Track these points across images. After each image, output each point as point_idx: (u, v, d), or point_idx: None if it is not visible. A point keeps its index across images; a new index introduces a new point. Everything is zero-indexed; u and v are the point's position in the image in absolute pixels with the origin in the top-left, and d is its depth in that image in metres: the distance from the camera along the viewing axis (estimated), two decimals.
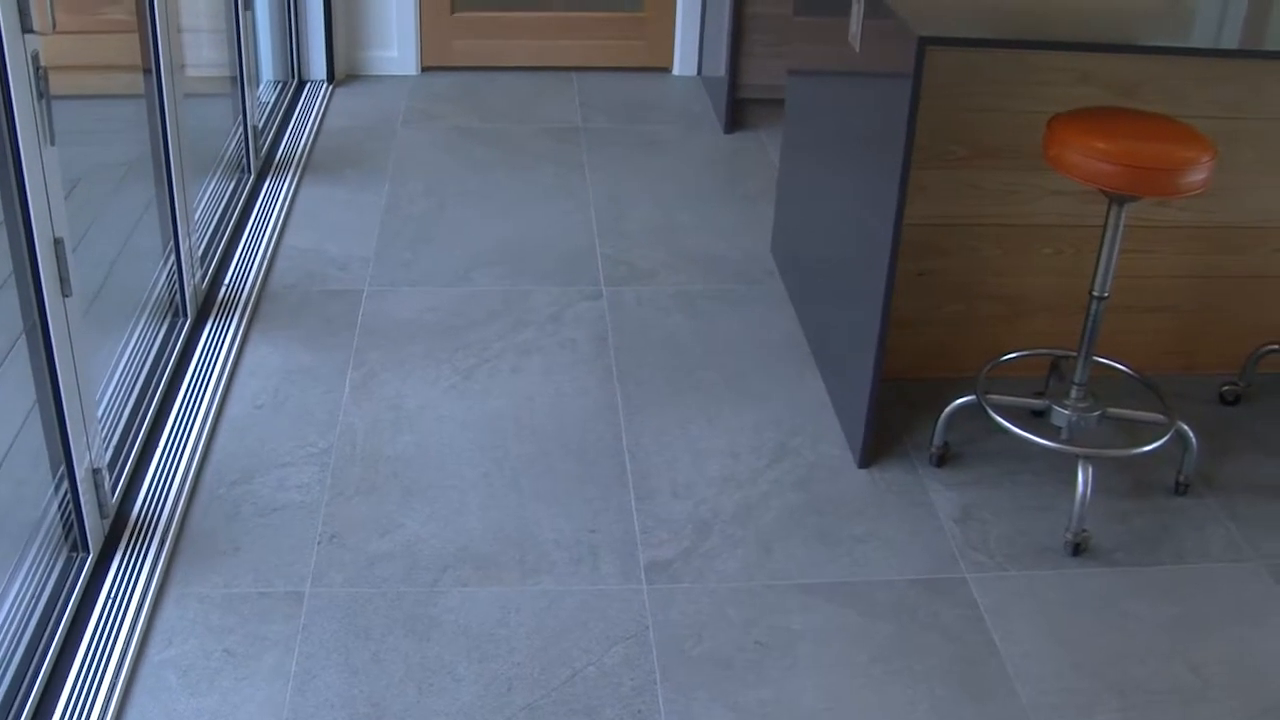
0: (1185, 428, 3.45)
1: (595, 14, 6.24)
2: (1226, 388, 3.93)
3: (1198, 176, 3.03)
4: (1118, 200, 3.16)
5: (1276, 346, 3.88)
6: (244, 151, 4.85)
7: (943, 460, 3.52)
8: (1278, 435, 3.77)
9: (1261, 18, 3.69)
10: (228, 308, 4.00)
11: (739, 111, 5.67)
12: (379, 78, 5.98)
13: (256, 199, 4.71)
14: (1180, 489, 3.48)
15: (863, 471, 3.46)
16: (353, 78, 5.96)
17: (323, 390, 3.65)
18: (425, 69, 6.09)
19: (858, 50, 3.49)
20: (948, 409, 3.48)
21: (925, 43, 3.01)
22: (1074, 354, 3.45)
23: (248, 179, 4.81)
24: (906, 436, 3.61)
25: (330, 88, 5.81)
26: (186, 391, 3.58)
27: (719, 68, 5.66)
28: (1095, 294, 3.30)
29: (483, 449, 3.44)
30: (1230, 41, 3.41)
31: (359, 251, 4.41)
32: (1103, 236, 3.24)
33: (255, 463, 3.33)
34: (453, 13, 6.03)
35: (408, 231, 4.55)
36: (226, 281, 4.15)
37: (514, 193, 4.90)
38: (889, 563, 3.13)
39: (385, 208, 4.72)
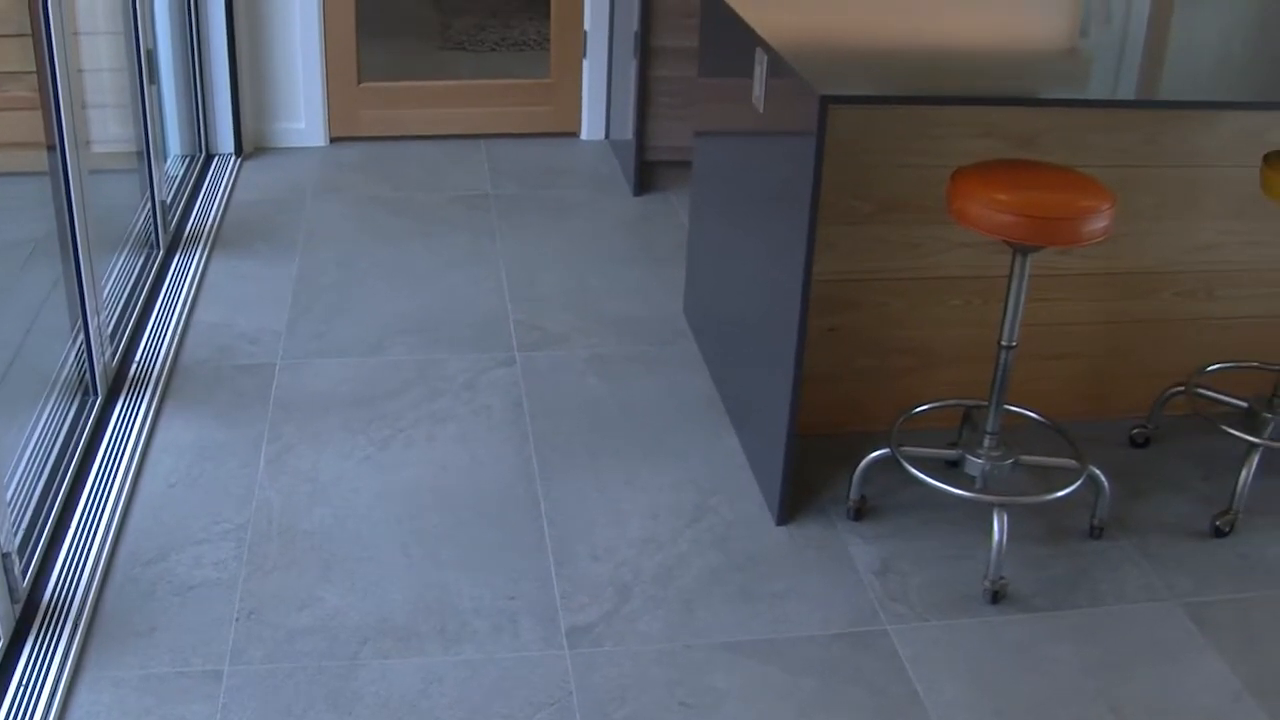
0: (1097, 472, 3.49)
1: (502, 81, 6.27)
2: (1136, 430, 3.98)
3: (1098, 224, 3.08)
4: (1021, 250, 3.21)
5: (1183, 388, 3.94)
6: (152, 227, 4.82)
7: (860, 513, 3.54)
8: (1187, 475, 3.83)
9: (1156, 68, 3.77)
10: (139, 385, 3.97)
11: (647, 174, 5.70)
12: (287, 150, 5.97)
13: (166, 274, 4.68)
14: (1095, 532, 3.52)
15: (781, 528, 3.47)
16: (261, 150, 5.94)
17: (237, 465, 3.62)
18: (334, 140, 6.08)
19: (761, 110, 3.53)
20: (863, 463, 3.51)
21: (827, 101, 3.05)
22: (985, 403, 3.49)
23: (157, 254, 4.78)
24: (823, 491, 3.63)
25: (238, 161, 5.79)
26: (98, 471, 3.54)
27: (626, 131, 5.70)
28: (1003, 343, 3.34)
29: (400, 519, 3.42)
30: (1127, 92, 3.48)
31: (271, 324, 4.38)
32: (1008, 286, 3.28)
33: (170, 541, 3.30)
34: (359, 83, 6.03)
35: (320, 303, 4.54)
36: (137, 358, 4.11)
37: (425, 261, 4.89)
38: (810, 618, 3.14)
39: (297, 280, 4.70)
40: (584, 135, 6.28)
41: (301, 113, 5.98)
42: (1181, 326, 4.04)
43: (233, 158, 5.82)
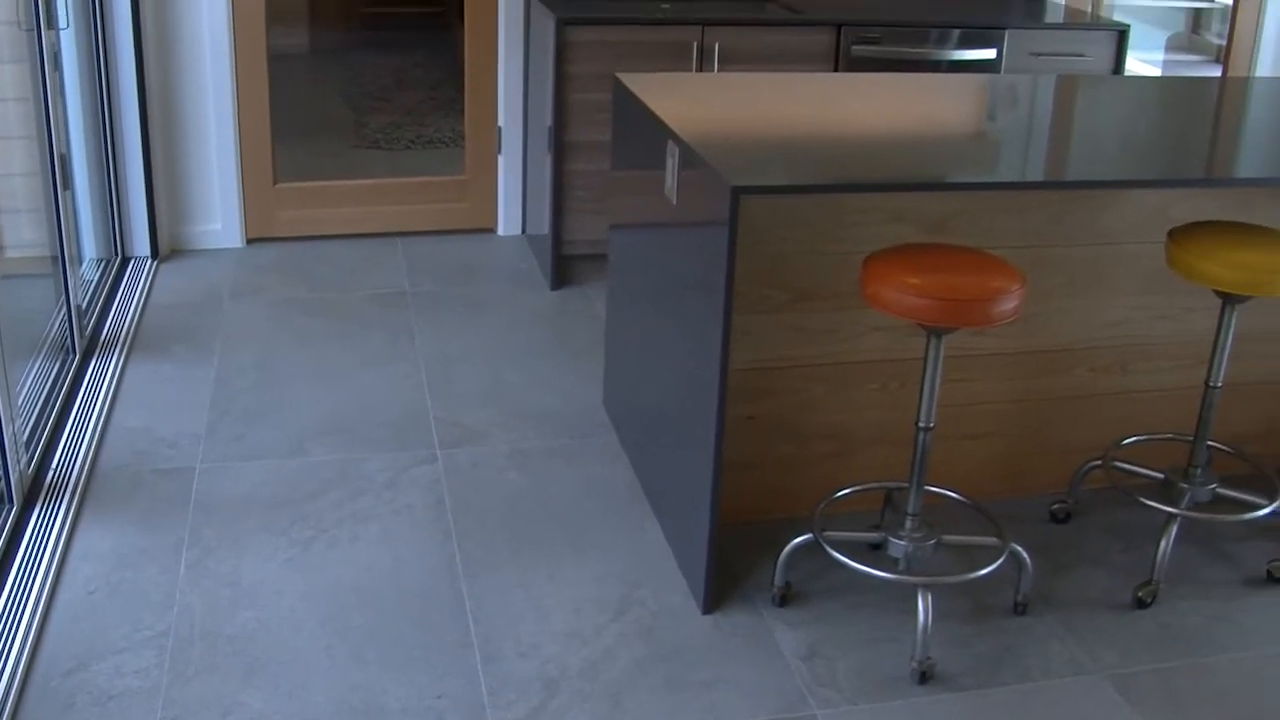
0: (1019, 549, 3.52)
1: (417, 179, 6.29)
2: (1056, 506, 4.03)
3: (1009, 305, 3.13)
4: (935, 333, 3.25)
5: (1100, 462, 3.98)
6: (68, 331, 4.78)
7: (785, 600, 3.54)
8: (1108, 548, 3.87)
9: (1062, 149, 3.84)
10: (56, 491, 3.92)
11: (564, 268, 5.73)
12: (204, 251, 5.95)
13: (83, 379, 4.64)
14: (1019, 609, 3.55)
15: (707, 617, 3.46)
16: (177, 253, 5.92)
17: (158, 571, 3.57)
18: (250, 241, 6.07)
19: (674, 202, 3.56)
20: (786, 549, 3.52)
21: (739, 192, 3.08)
22: (906, 485, 3.51)
23: (73, 359, 4.74)
24: (748, 578, 3.64)
25: (154, 264, 5.77)
26: (15, 580, 3.48)
27: (542, 226, 5.73)
28: (921, 425, 3.37)
29: (324, 620, 3.39)
30: (1035, 174, 3.55)
31: (190, 428, 4.35)
32: (924, 369, 3.32)
33: (90, 650, 3.25)
34: (275, 184, 6.04)
35: (239, 406, 4.51)
36: (54, 465, 4.06)
37: (344, 361, 4.88)
38: (739, 706, 3.13)
39: (215, 382, 4.67)
40: (500, 231, 6.31)
41: (218, 214, 5.97)
42: (1096, 402, 4.10)
43: (149, 260, 5.79)
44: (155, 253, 5.82)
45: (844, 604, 3.54)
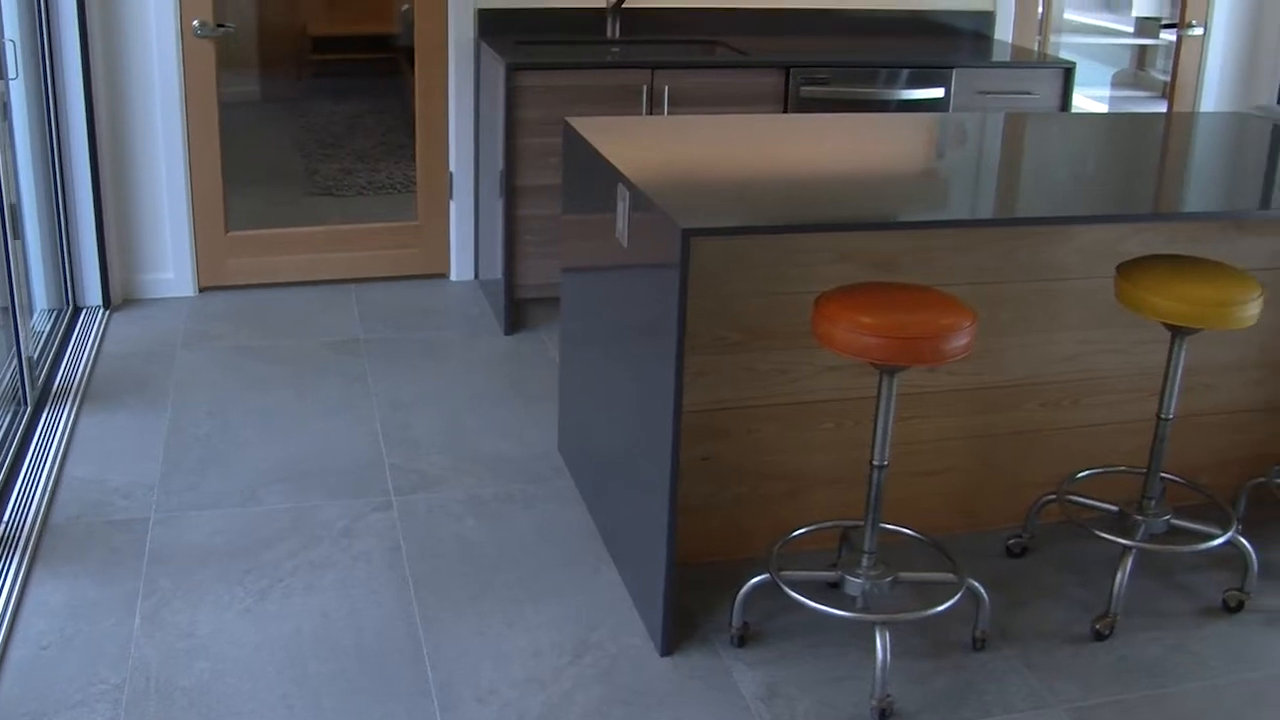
0: (975, 584, 3.53)
1: (370, 225, 6.29)
2: (1012, 541, 4.04)
3: (960, 342, 3.15)
4: (887, 371, 3.27)
5: (1055, 496, 4.00)
6: (19, 383, 4.75)
7: (743, 640, 3.54)
8: (1065, 582, 3.88)
9: (1012, 186, 3.87)
10: (8, 545, 3.89)
11: (518, 312, 5.73)
12: (156, 300, 5.92)
13: (35, 430, 4.60)
14: (977, 644, 3.55)
15: (665, 659, 3.46)
16: (130, 302, 5.89)
17: (112, 624, 3.54)
18: (203, 289, 6.05)
19: (626, 245, 3.57)
20: (743, 589, 3.52)
21: (689, 234, 3.09)
22: (861, 523, 3.52)
23: (24, 411, 4.71)
24: (706, 620, 3.63)
25: (107, 313, 5.74)
26: None
27: (495, 271, 5.73)
28: (875, 463, 3.38)
29: (281, 670, 3.37)
30: (985, 211, 3.57)
31: (143, 478, 4.32)
32: (877, 407, 3.33)
33: (44, 706, 3.21)
34: (227, 232, 6.02)
35: (193, 455, 4.49)
36: (6, 517, 4.03)
37: (299, 408, 4.87)
38: None
39: (169, 432, 4.65)
40: (453, 276, 6.31)
41: (170, 263, 5.95)
42: (1050, 436, 4.12)
43: (101, 310, 5.77)
44: (107, 302, 5.80)
45: (802, 643, 3.54)
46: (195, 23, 5.68)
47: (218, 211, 5.98)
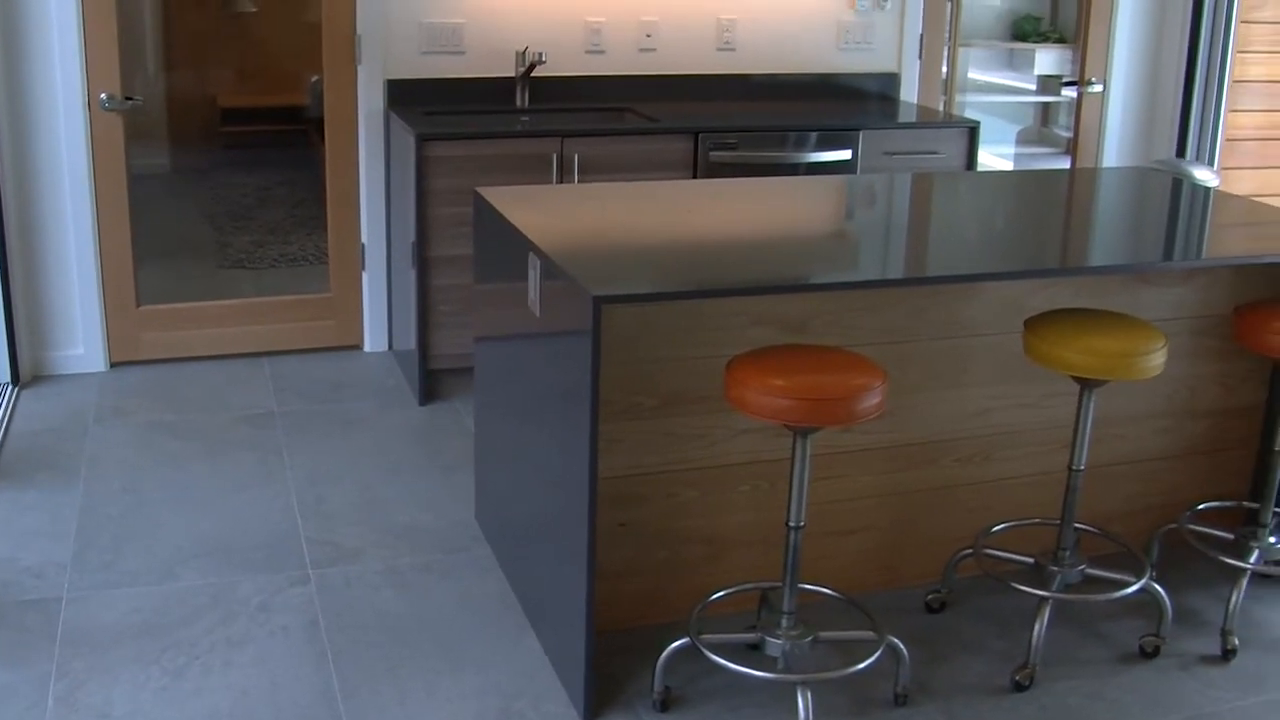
0: (895, 641, 3.56)
1: (282, 298, 6.26)
2: (931, 596, 4.07)
3: (871, 402, 3.18)
4: (801, 432, 3.29)
5: (971, 550, 4.04)
6: None
7: (666, 705, 3.53)
8: (984, 635, 3.92)
9: (919, 246, 3.92)
10: None
11: (432, 382, 5.72)
12: (66, 376, 5.86)
13: None
14: (899, 700, 3.57)
15: None
16: (39, 378, 5.83)
17: (24, 707, 3.48)
18: (114, 365, 6.00)
19: (538, 314, 3.58)
20: (664, 653, 3.52)
21: (600, 301, 3.11)
22: (780, 584, 3.53)
23: None
24: (629, 685, 3.63)
25: (15, 390, 5.67)
26: None
27: (409, 341, 5.72)
28: (791, 524, 3.40)
29: None
30: (895, 271, 3.62)
31: (55, 557, 4.26)
32: (791, 468, 3.36)
33: None
34: (138, 306, 5.98)
35: (106, 532, 4.43)
36: None
37: (213, 484, 4.82)
38: None
39: (81, 509, 4.59)
40: (367, 347, 6.29)
41: (80, 338, 5.89)
42: (964, 491, 4.16)
43: (9, 386, 5.70)
44: (16, 378, 5.73)
45: (725, 705, 3.54)
46: (102, 96, 5.65)
47: (128, 286, 5.94)
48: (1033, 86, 8.39)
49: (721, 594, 3.80)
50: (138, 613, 3.96)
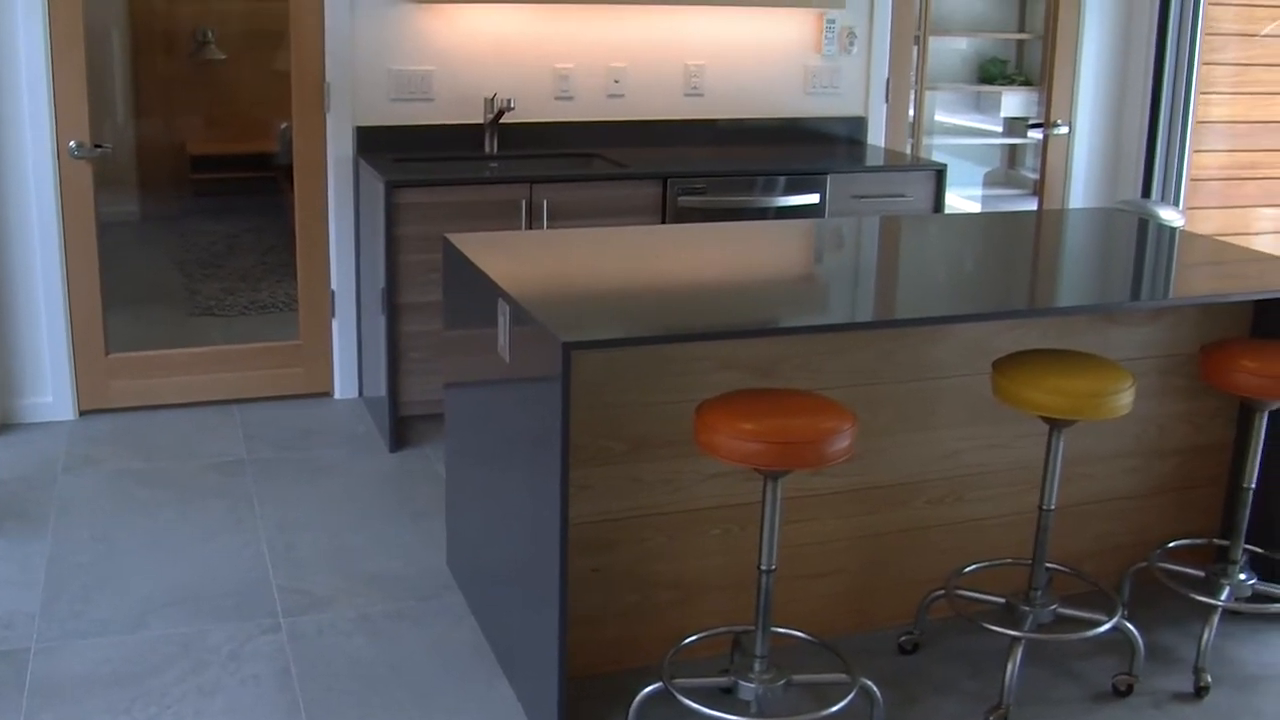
0: (868, 683, 3.56)
1: (252, 345, 6.25)
2: (904, 638, 4.07)
3: (841, 444, 3.19)
4: (771, 476, 3.29)
5: (943, 592, 4.04)
6: None
7: None
8: (956, 676, 3.92)
9: (888, 289, 3.94)
10: None
11: (403, 429, 5.71)
12: (35, 425, 5.83)
13: None
14: None
15: None
16: (7, 427, 5.80)
17: None
18: (84, 413, 5.97)
19: (508, 360, 3.59)
20: (637, 699, 3.51)
21: (569, 347, 3.12)
22: (752, 628, 3.53)
23: None
24: None
25: None
26: None
27: (379, 388, 5.71)
28: (763, 568, 3.41)
29: None
30: (864, 314, 3.63)
31: (24, 607, 4.23)
32: (762, 512, 3.36)
33: None
34: (108, 354, 5.96)
35: (76, 582, 4.41)
36: None
37: (183, 532, 4.80)
38: None
39: (50, 559, 4.56)
40: (337, 394, 6.28)
41: (49, 386, 5.87)
42: (936, 532, 4.17)
43: None
44: None
45: None
46: (72, 144, 5.65)
47: (97, 333, 5.92)
48: (999, 129, 8.45)
49: (694, 638, 3.80)
50: (107, 662, 3.93)
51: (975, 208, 8.34)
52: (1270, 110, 7.47)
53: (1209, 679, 3.87)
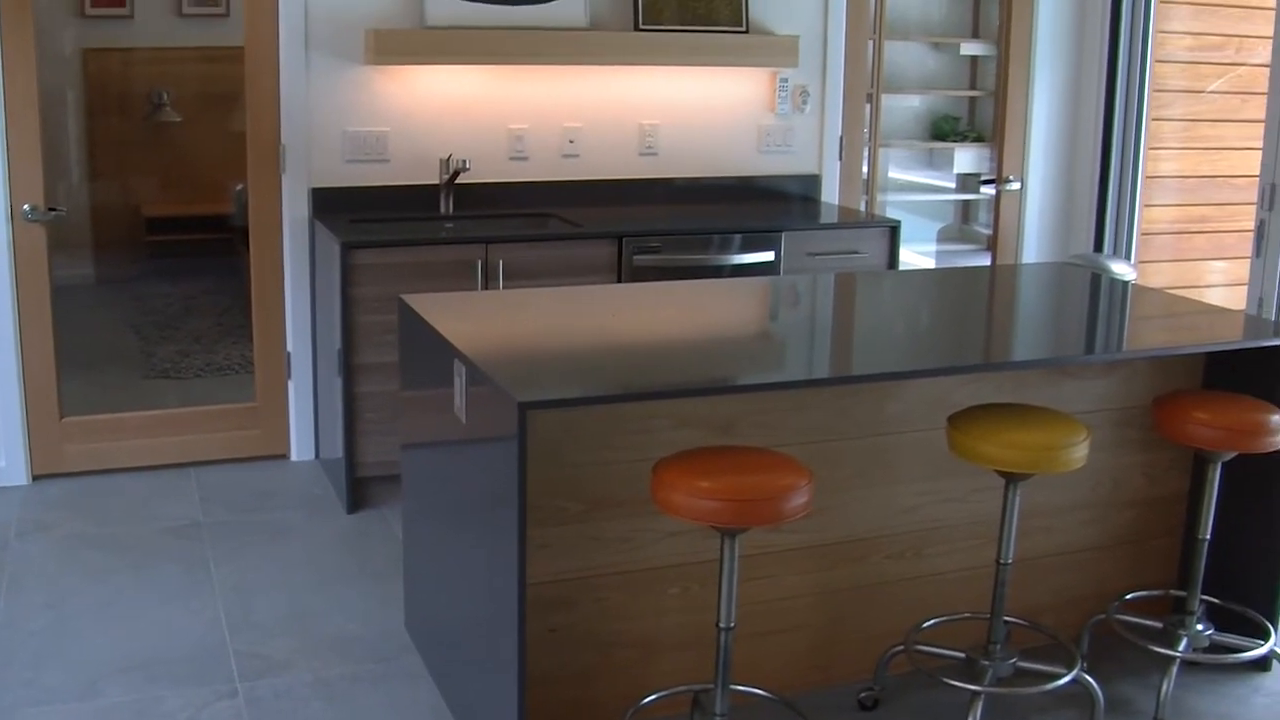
0: None
1: (207, 407, 6.22)
2: (864, 694, 4.06)
3: (798, 501, 3.20)
4: (728, 533, 3.30)
5: (903, 647, 4.04)
6: None
7: None
8: None
9: (843, 346, 3.96)
10: None
11: (360, 490, 5.68)
12: None
13: None
14: None
15: None
16: None
17: None
18: (37, 477, 5.92)
19: (464, 420, 3.58)
20: None
21: (525, 407, 3.12)
22: (712, 686, 3.52)
23: None
24: None
25: None
26: None
27: (336, 449, 5.69)
28: (722, 626, 3.40)
29: None
30: (821, 370, 3.65)
31: None
32: (720, 569, 3.36)
33: None
34: (62, 417, 5.92)
35: (27, 649, 4.36)
36: None
37: (138, 597, 4.76)
38: None
39: (1, 626, 4.51)
40: (294, 456, 6.25)
41: (1, 451, 5.82)
42: (895, 587, 4.17)
43: None
44: None
45: None
46: (25, 207, 5.63)
47: (51, 397, 5.88)
48: (952, 185, 8.51)
49: (653, 697, 3.78)
50: None
51: (929, 263, 8.39)
52: (1217, 165, 7.57)
53: None
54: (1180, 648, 4.09)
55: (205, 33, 9.44)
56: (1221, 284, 7.60)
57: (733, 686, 3.54)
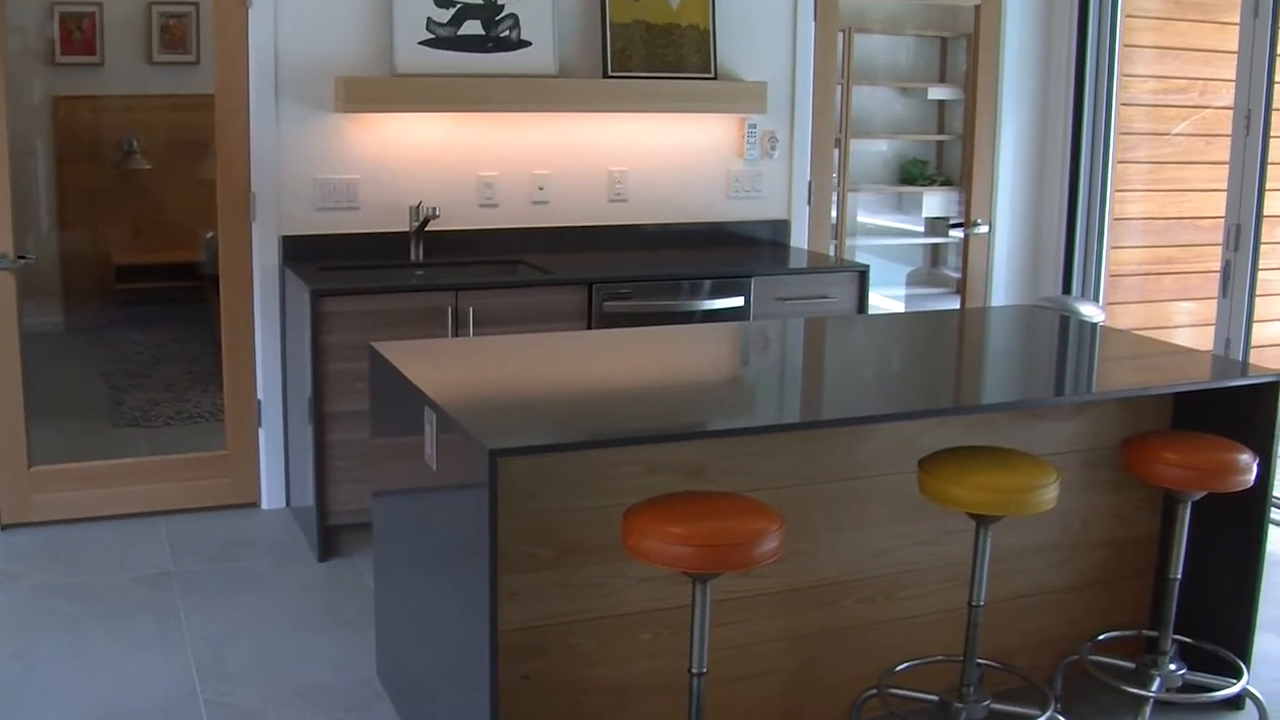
0: None
1: (178, 456, 6.20)
2: None
3: (769, 546, 3.20)
4: (699, 579, 3.29)
5: (875, 691, 4.04)
6: None
7: None
8: None
9: (814, 390, 3.97)
10: None
11: (331, 538, 5.65)
12: None
13: None
14: None
15: None
16: None
17: None
18: (4, 527, 5.89)
19: (435, 467, 3.58)
20: None
21: (496, 454, 3.12)
22: None
23: None
24: None
25: None
26: None
27: (307, 498, 5.67)
28: (694, 671, 3.39)
29: None
30: (791, 415, 3.66)
31: None
32: (692, 615, 3.35)
33: None
34: (30, 467, 5.89)
35: None
36: None
37: (108, 647, 4.73)
38: None
39: None
40: (264, 505, 6.22)
41: None
42: (867, 631, 4.17)
43: None
44: None
45: None
46: None
47: (20, 446, 5.86)
48: (921, 229, 8.55)
49: None
50: None
51: (899, 307, 8.42)
52: (1183, 206, 7.63)
53: None
54: (1153, 688, 4.10)
55: (176, 80, 9.47)
56: (1188, 324, 7.66)
57: None
